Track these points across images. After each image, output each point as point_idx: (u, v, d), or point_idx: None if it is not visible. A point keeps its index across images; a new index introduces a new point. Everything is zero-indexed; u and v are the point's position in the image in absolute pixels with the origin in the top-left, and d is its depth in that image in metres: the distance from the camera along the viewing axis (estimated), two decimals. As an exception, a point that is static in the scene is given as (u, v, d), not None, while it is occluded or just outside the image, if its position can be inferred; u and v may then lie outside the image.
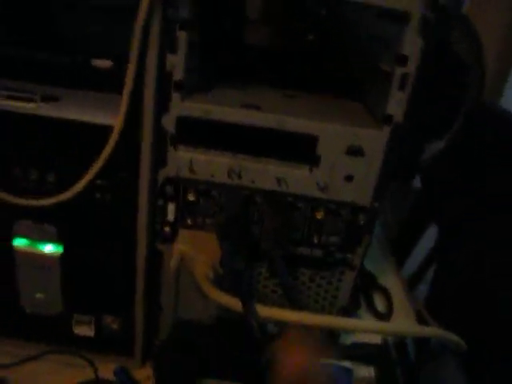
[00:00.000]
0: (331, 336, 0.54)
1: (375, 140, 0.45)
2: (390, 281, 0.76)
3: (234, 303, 0.38)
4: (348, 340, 0.57)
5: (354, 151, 0.45)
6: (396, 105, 0.44)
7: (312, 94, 0.53)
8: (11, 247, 0.48)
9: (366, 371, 0.52)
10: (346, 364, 0.50)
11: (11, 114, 0.43)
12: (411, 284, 0.87)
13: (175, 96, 0.43)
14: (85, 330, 0.52)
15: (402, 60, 0.42)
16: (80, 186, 0.44)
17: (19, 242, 0.48)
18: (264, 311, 0.38)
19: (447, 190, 0.83)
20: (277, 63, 0.61)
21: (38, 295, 0.51)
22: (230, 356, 0.46)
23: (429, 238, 0.85)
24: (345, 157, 0.45)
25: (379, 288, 0.74)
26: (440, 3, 0.42)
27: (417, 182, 0.84)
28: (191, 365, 0.46)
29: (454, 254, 0.80)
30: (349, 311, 0.52)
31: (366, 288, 0.73)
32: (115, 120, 0.42)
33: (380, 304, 0.71)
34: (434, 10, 0.42)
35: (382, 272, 0.76)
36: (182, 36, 0.41)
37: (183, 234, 0.47)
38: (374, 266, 0.75)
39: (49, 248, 0.49)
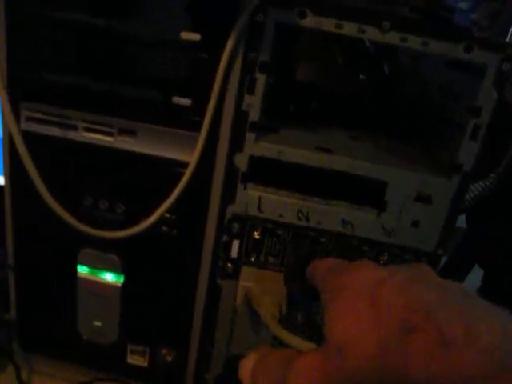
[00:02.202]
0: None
1: (444, 188, 0.45)
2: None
3: (306, 346, 0.38)
4: None
5: (422, 198, 0.45)
6: (467, 154, 0.44)
7: (374, 136, 0.54)
8: (74, 274, 0.49)
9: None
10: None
11: (89, 146, 0.44)
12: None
13: (250, 136, 0.44)
14: (138, 360, 0.52)
15: (476, 111, 0.43)
16: (150, 220, 0.44)
17: (82, 270, 0.49)
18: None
19: (491, 234, 0.83)
20: (338, 104, 0.62)
21: (96, 323, 0.51)
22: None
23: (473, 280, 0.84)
24: (413, 203, 0.45)
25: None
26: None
27: (462, 222, 0.83)
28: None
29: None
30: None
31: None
32: (190, 156, 0.43)
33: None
34: (509, 62, 0.42)
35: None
36: (261, 78, 0.42)
37: (247, 271, 0.47)
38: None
39: (110, 277, 0.49)
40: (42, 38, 0.43)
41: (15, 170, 0.46)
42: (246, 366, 0.29)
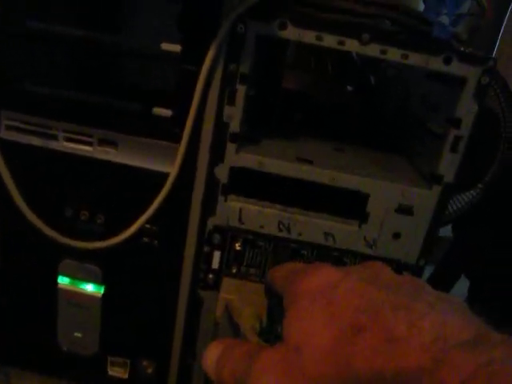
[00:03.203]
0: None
1: (425, 199, 0.45)
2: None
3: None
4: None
5: (404, 209, 0.45)
6: (447, 166, 0.44)
7: (359, 147, 0.54)
8: (55, 285, 0.49)
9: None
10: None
11: (69, 156, 0.44)
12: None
13: (230, 147, 0.44)
14: (119, 372, 0.52)
15: (456, 123, 0.43)
16: (131, 230, 0.44)
17: (63, 280, 0.49)
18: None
19: (475, 242, 0.83)
20: (321, 114, 0.62)
21: (76, 334, 0.50)
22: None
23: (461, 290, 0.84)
24: (394, 214, 0.45)
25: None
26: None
27: (447, 231, 0.83)
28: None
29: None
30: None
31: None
32: (171, 168, 0.43)
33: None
34: (489, 75, 0.42)
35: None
36: (241, 90, 0.42)
37: (228, 282, 0.47)
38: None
39: (91, 288, 0.49)
40: (24, 49, 0.43)
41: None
42: (210, 357, 0.30)
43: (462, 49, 0.42)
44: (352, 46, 0.41)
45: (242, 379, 0.26)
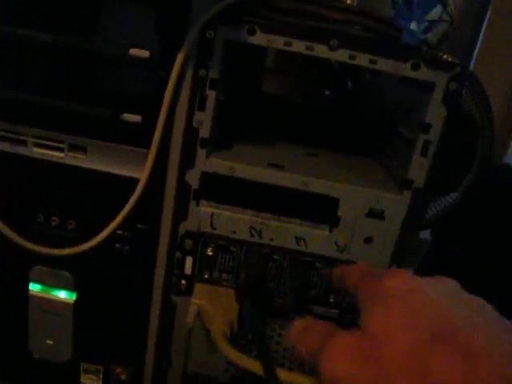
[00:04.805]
0: None
1: (396, 204, 0.45)
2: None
3: (254, 366, 0.38)
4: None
5: (375, 214, 0.45)
6: (417, 170, 0.44)
7: (332, 151, 0.54)
8: (26, 291, 0.48)
9: None
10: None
11: (38, 162, 0.44)
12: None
13: (201, 152, 0.44)
14: (92, 380, 0.51)
15: (426, 128, 0.43)
16: (101, 236, 0.44)
17: (34, 287, 0.48)
18: (283, 375, 0.38)
19: (454, 256, 0.84)
20: (298, 119, 0.62)
21: (48, 341, 0.50)
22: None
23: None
24: (365, 219, 0.45)
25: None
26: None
27: (427, 234, 0.84)
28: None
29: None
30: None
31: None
32: (141, 173, 0.43)
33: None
34: (458, 80, 0.42)
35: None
36: (211, 95, 0.42)
37: (200, 287, 0.47)
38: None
39: (63, 294, 0.48)
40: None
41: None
42: (292, 331, 0.33)
43: (431, 54, 0.42)
44: (321, 51, 0.41)
45: (316, 354, 0.28)
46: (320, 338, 0.29)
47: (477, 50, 1.11)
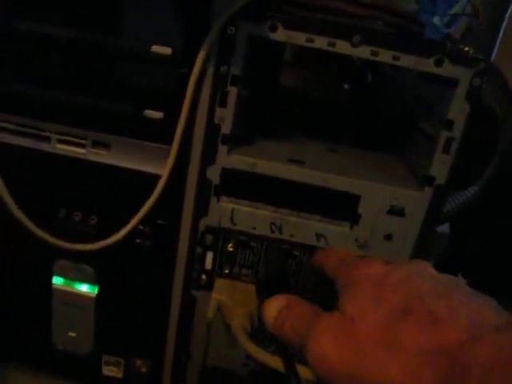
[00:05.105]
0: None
1: (417, 201, 0.45)
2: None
3: (274, 361, 0.38)
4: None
5: (396, 211, 0.45)
6: (439, 167, 0.44)
7: (351, 147, 0.54)
8: (50, 285, 0.49)
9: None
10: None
11: (62, 158, 0.44)
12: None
13: (222, 149, 0.44)
14: (113, 372, 0.52)
15: (448, 124, 0.43)
16: (123, 232, 0.44)
17: (57, 281, 0.49)
18: (303, 372, 0.38)
19: (474, 251, 0.83)
20: (317, 113, 0.62)
21: (71, 333, 0.51)
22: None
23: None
24: (386, 216, 0.45)
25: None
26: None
27: (445, 227, 0.83)
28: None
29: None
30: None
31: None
32: (162, 169, 0.43)
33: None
34: (481, 77, 0.42)
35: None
36: (233, 91, 0.42)
37: (220, 283, 0.47)
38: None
39: (85, 288, 0.49)
40: (15, 50, 0.43)
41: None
42: (271, 310, 0.35)
43: (455, 50, 0.41)
44: (343, 47, 0.41)
45: (304, 334, 0.30)
46: (305, 320, 0.32)
47: (499, 40, 1.09)
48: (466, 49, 0.43)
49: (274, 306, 0.35)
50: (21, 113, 0.44)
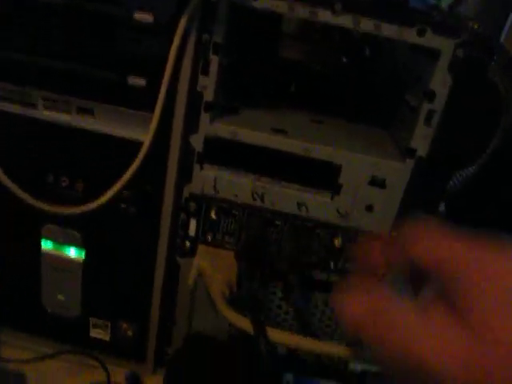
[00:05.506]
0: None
1: (398, 172, 0.45)
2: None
3: (247, 325, 0.39)
4: (358, 368, 0.57)
5: (376, 182, 0.45)
6: (420, 139, 0.44)
7: (339, 119, 0.54)
8: (38, 249, 0.50)
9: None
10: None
11: (48, 124, 0.45)
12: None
13: (204, 116, 0.44)
14: (101, 334, 0.54)
15: (430, 96, 0.43)
16: (107, 196, 0.45)
17: (46, 245, 0.50)
18: (275, 335, 0.39)
19: (470, 222, 0.82)
20: (310, 85, 0.62)
21: (59, 297, 0.52)
22: (240, 374, 0.47)
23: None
24: (367, 187, 0.45)
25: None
26: (481, 32, 0.42)
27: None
28: (201, 378, 0.47)
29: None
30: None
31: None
32: (145, 136, 0.44)
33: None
34: (465, 49, 0.42)
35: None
36: (215, 60, 0.43)
37: (202, 249, 0.48)
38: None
39: (73, 252, 0.50)
40: None
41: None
42: (351, 310, 0.27)
43: (438, 20, 0.41)
44: (324, 16, 0.41)
45: (385, 334, 0.25)
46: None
47: (510, 20, 1.07)
48: (469, 22, 0.43)
49: (353, 305, 0.27)
50: (8, 79, 0.44)
